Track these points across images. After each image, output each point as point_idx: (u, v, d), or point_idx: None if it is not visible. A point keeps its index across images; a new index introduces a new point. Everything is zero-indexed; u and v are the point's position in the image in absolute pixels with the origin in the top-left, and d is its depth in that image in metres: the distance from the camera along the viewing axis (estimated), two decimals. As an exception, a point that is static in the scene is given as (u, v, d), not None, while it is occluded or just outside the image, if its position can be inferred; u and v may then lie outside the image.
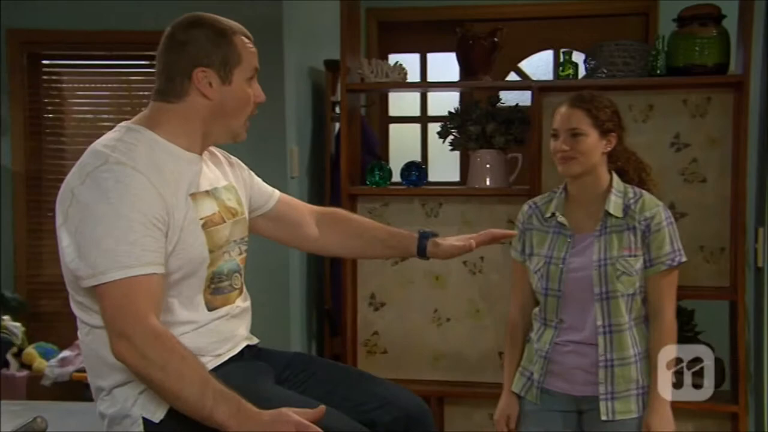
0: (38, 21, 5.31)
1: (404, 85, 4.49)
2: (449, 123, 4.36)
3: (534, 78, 6.07)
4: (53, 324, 5.33)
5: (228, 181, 2.63)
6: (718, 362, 4.31)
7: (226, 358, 2.55)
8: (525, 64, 6.24)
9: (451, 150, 4.44)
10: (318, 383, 2.66)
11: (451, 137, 4.38)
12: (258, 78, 4.54)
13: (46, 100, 5.49)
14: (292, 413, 2.18)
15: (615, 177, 3.29)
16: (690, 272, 4.23)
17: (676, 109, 4.25)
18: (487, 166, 4.32)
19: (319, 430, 2.17)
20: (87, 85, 5.55)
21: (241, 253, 2.62)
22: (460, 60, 4.39)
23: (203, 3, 4.56)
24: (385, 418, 2.59)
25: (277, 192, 2.92)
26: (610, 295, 3.17)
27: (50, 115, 5.48)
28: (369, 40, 6.21)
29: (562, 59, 4.35)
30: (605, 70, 4.26)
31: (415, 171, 4.42)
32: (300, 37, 4.93)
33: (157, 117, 2.46)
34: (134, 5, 5.01)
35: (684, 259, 3.26)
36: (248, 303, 2.68)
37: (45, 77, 5.52)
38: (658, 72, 4.21)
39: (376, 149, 5.33)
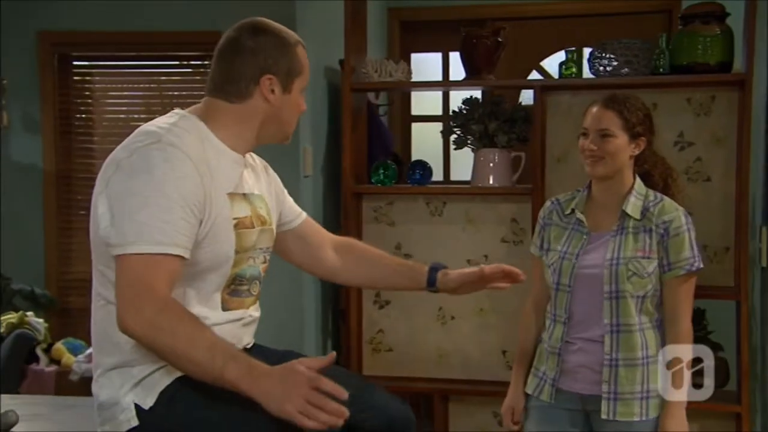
0: (68, 23, 5.42)
1: (408, 84, 4.53)
2: (452, 122, 4.38)
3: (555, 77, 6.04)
4: (82, 320, 5.43)
5: (260, 192, 2.66)
6: (722, 362, 4.30)
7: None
8: (547, 63, 6.23)
9: (455, 149, 4.46)
10: None
11: (454, 136, 4.40)
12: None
13: (77, 101, 5.58)
14: (303, 367, 2.18)
15: (638, 180, 3.29)
16: (694, 272, 4.22)
17: (680, 107, 4.24)
18: (491, 165, 4.34)
19: (332, 383, 2.17)
20: (116, 86, 5.64)
21: (264, 262, 2.65)
22: (464, 59, 4.41)
23: (222, 3, 4.69)
24: (367, 423, 2.57)
25: (304, 214, 2.97)
26: (620, 294, 3.17)
27: (80, 115, 5.57)
28: (391, 39, 6.24)
29: (565, 58, 4.34)
30: (608, 69, 4.26)
31: (420, 170, 4.45)
32: (315, 36, 4.96)
33: (213, 112, 2.52)
34: (161, 6, 5.11)
35: (701, 265, 3.24)
36: (259, 314, 2.70)
37: (75, 78, 5.62)
38: (661, 70, 4.19)
39: (391, 148, 5.36)
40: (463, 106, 4.39)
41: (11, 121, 5.84)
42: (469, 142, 4.37)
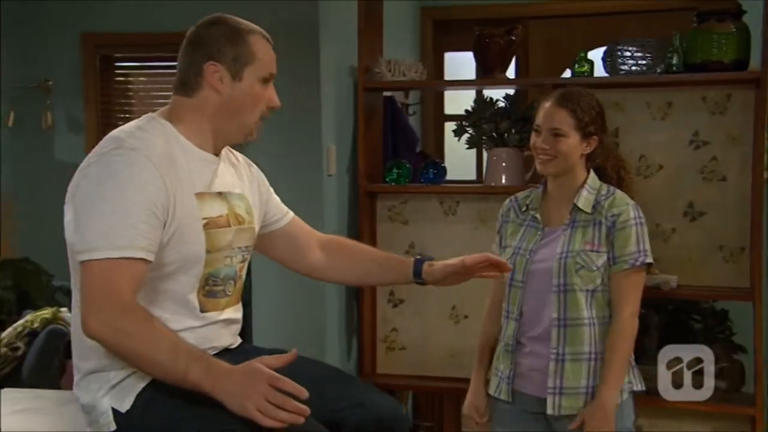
0: (111, 25, 5.54)
1: (421, 83, 4.56)
2: (465, 121, 4.39)
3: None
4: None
5: (242, 191, 2.67)
6: (738, 364, 4.25)
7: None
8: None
9: (467, 148, 4.46)
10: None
11: (467, 135, 4.40)
12: (294, 77, 4.68)
13: (119, 101, 5.69)
14: (264, 367, 2.22)
15: (592, 174, 3.27)
16: (709, 272, 4.19)
17: (695, 106, 4.20)
18: (503, 164, 4.34)
19: (291, 382, 2.20)
20: (157, 86, 5.73)
21: (242, 261, 2.64)
22: (477, 58, 4.42)
23: (249, 3, 4.75)
24: (354, 419, 2.58)
25: (291, 213, 2.95)
26: (568, 288, 3.15)
27: (122, 115, 5.66)
28: (423, 38, 6.25)
29: (578, 56, 4.32)
30: (623, 68, 4.23)
31: (433, 169, 4.47)
32: (338, 37, 5.00)
33: (176, 110, 2.53)
34: (198, 8, 5.18)
35: (649, 260, 3.19)
36: (239, 315, 2.69)
37: (117, 78, 5.73)
38: (674, 69, 4.15)
39: (416, 147, 5.37)
40: (474, 105, 4.39)
41: (55, 122, 5.99)
42: (481, 141, 4.36)
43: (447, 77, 6.52)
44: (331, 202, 4.75)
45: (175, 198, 2.39)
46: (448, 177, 4.68)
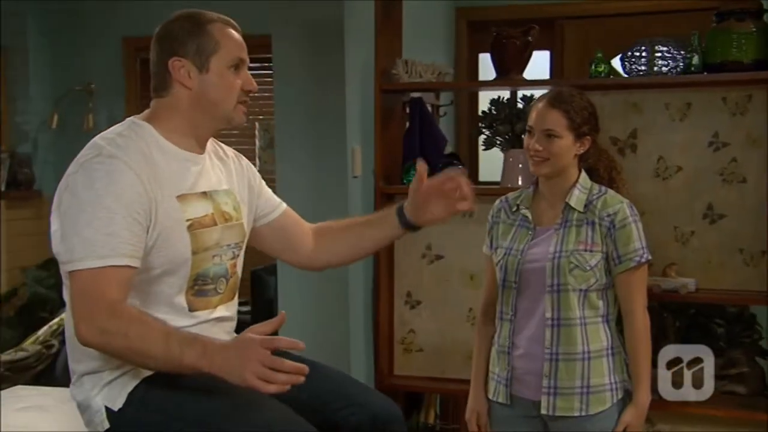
0: (151, 29, 5.59)
1: (437, 85, 4.55)
2: (481, 123, 4.38)
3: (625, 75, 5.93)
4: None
5: (230, 186, 2.68)
6: (759, 369, 4.18)
7: None
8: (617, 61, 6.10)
9: (484, 149, 4.45)
10: None
11: (483, 137, 4.39)
12: (319, 78, 4.70)
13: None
14: (255, 334, 2.26)
15: (583, 173, 3.26)
16: (728, 275, 4.12)
17: (714, 107, 4.12)
18: (520, 165, 4.31)
19: (286, 339, 2.26)
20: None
21: (233, 258, 2.65)
22: (494, 60, 4.40)
23: (275, 3, 4.80)
24: (351, 420, 2.60)
25: (284, 204, 2.94)
26: (561, 288, 3.14)
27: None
28: (458, 39, 6.24)
29: (595, 57, 4.28)
30: (641, 68, 4.18)
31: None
32: (364, 37, 4.99)
33: (156, 112, 2.55)
34: (221, 11, 5.24)
35: (649, 257, 3.20)
36: (233, 312, 2.71)
37: (157, 81, 5.82)
38: (693, 69, 4.09)
39: (444, 148, 5.35)
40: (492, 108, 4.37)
41: (97, 123, 6.12)
42: (497, 143, 4.35)
43: (482, 78, 6.49)
44: (356, 204, 4.75)
45: (156, 202, 2.41)
46: (482, 179, 4.66)
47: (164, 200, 2.43)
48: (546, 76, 5.96)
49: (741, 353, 4.16)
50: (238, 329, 2.55)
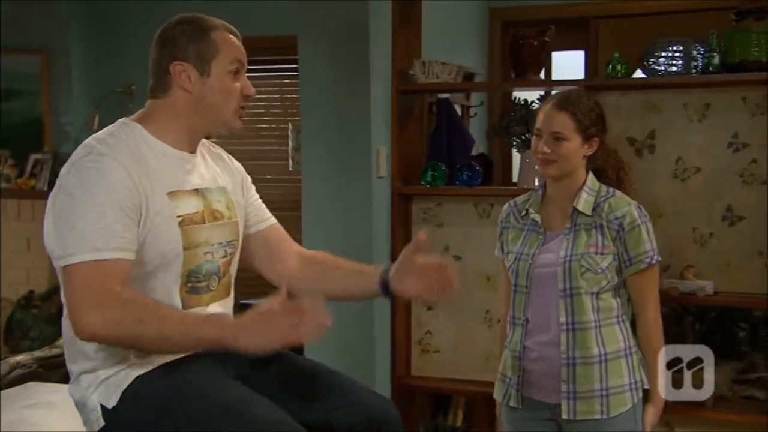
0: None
1: (455, 86, 4.53)
2: (498, 124, 4.36)
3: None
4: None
5: (224, 184, 2.70)
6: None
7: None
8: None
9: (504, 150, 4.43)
10: (281, 376, 2.66)
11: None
12: (343, 79, 4.72)
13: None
14: (273, 304, 2.25)
15: (590, 175, 3.23)
16: (747, 278, 4.07)
17: (734, 107, 4.07)
18: (536, 167, 4.27)
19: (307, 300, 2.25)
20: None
21: (225, 256, 2.66)
22: (511, 60, 4.38)
23: (300, 3, 4.83)
24: (345, 420, 2.58)
25: (273, 219, 2.94)
26: (574, 292, 3.12)
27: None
28: (492, 39, 6.20)
29: (612, 57, 4.23)
30: (659, 68, 4.13)
31: (467, 171, 4.44)
32: (389, 38, 5.00)
33: (149, 113, 2.57)
34: (241, 11, 5.28)
35: (659, 258, 3.18)
36: (227, 309, 2.70)
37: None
38: (711, 69, 4.03)
39: (471, 149, 5.33)
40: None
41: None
42: (514, 143, 4.33)
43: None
44: (381, 204, 4.75)
45: (146, 197, 2.43)
46: (515, 180, 4.64)
47: (155, 196, 2.46)
48: (581, 75, 5.90)
49: (761, 358, 4.10)
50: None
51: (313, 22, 4.88)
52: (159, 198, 2.47)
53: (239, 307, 2.72)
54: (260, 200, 2.91)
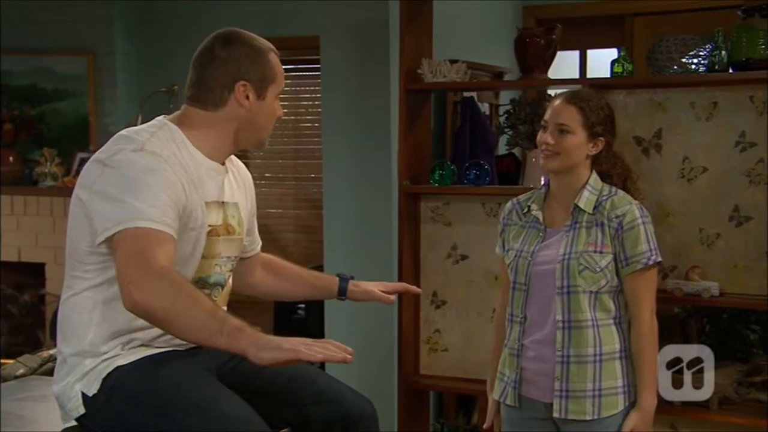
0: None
1: (462, 85, 4.52)
2: (503, 123, 4.35)
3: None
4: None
5: (237, 200, 2.78)
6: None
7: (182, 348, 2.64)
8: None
9: (508, 149, 4.42)
10: (260, 372, 2.64)
11: (506, 137, 4.36)
12: (365, 78, 4.78)
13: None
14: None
15: (594, 175, 3.23)
16: (754, 280, 4.00)
17: (742, 106, 4.00)
18: (540, 160, 4.26)
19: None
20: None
21: (231, 270, 2.77)
22: (518, 58, 4.37)
23: (322, 3, 4.88)
24: (321, 415, 2.66)
25: (259, 240, 3.04)
26: (571, 290, 3.12)
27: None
28: (526, 38, 6.15)
29: (617, 56, 4.19)
30: (667, 66, 4.08)
31: (475, 170, 4.43)
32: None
33: (190, 120, 2.63)
34: (262, 12, 5.37)
35: (660, 259, 3.15)
36: None
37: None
38: (716, 67, 3.97)
39: (494, 148, 5.32)
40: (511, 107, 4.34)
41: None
42: (519, 142, 4.31)
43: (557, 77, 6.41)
44: (401, 204, 4.78)
45: (189, 203, 2.52)
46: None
47: (194, 203, 2.55)
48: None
49: (766, 360, 4.02)
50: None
51: (336, 22, 4.94)
52: (197, 206, 2.56)
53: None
54: (256, 224, 3.01)
